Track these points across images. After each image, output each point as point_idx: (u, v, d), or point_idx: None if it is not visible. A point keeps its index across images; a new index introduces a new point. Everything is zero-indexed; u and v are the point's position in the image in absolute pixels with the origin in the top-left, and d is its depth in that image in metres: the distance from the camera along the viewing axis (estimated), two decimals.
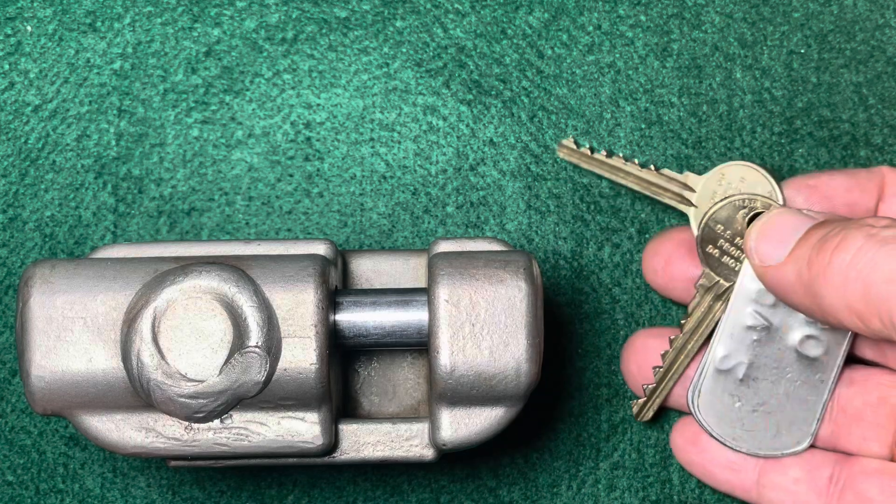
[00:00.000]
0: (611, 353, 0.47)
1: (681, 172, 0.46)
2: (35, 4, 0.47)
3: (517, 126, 0.47)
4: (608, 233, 0.47)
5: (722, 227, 0.44)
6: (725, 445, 0.45)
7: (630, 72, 0.48)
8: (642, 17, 0.48)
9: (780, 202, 0.44)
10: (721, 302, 0.44)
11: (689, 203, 0.45)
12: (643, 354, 0.46)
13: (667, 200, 0.45)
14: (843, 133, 0.48)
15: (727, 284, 0.44)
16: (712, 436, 0.45)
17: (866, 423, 0.44)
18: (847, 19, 0.48)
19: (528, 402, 0.42)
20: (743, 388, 0.44)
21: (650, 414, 0.46)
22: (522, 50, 0.48)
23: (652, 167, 0.45)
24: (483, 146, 0.48)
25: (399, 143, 0.48)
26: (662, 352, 0.45)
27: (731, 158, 0.47)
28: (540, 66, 0.48)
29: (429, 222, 0.47)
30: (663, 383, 0.45)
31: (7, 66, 0.47)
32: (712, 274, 0.44)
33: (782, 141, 0.47)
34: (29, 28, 0.48)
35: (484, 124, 0.48)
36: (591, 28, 0.48)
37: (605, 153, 0.46)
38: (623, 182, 0.45)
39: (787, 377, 0.44)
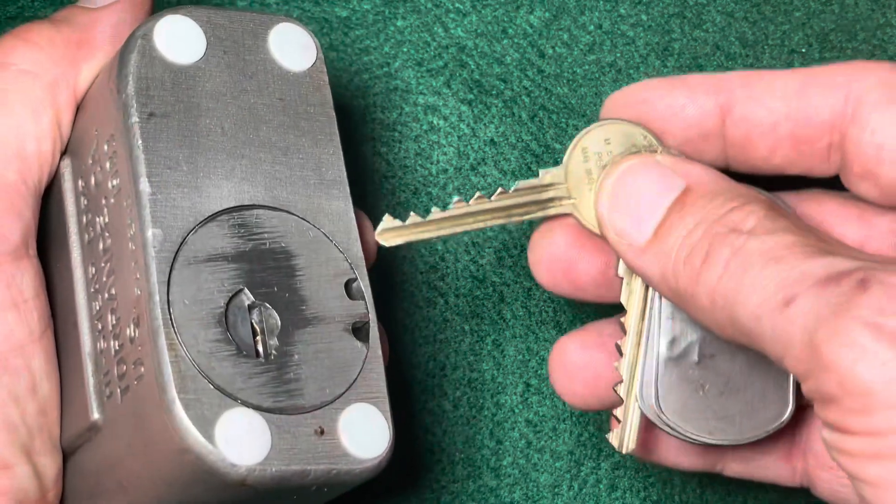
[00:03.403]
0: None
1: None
2: (35, 3, 0.47)
3: (518, 126, 0.47)
4: None
5: None
6: (703, 443, 0.39)
7: (631, 71, 0.48)
8: (643, 17, 0.48)
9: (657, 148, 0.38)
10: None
11: (566, 198, 0.38)
12: (580, 371, 0.40)
13: (541, 214, 0.39)
14: None
15: None
16: (685, 438, 0.39)
17: None
18: (848, 18, 0.48)
19: (528, 402, 0.42)
20: (702, 370, 0.39)
21: (633, 442, 0.39)
22: (523, 49, 0.48)
23: (500, 189, 0.38)
24: (484, 146, 0.48)
25: (400, 142, 0.48)
26: (615, 363, 0.39)
27: None
28: (541, 65, 0.48)
29: None
30: (632, 399, 0.39)
31: None
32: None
33: None
34: None
35: (485, 124, 0.48)
36: (592, 27, 0.48)
37: (436, 210, 0.38)
38: (478, 226, 0.39)
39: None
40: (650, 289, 0.38)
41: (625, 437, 0.39)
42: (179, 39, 0.38)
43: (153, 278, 0.35)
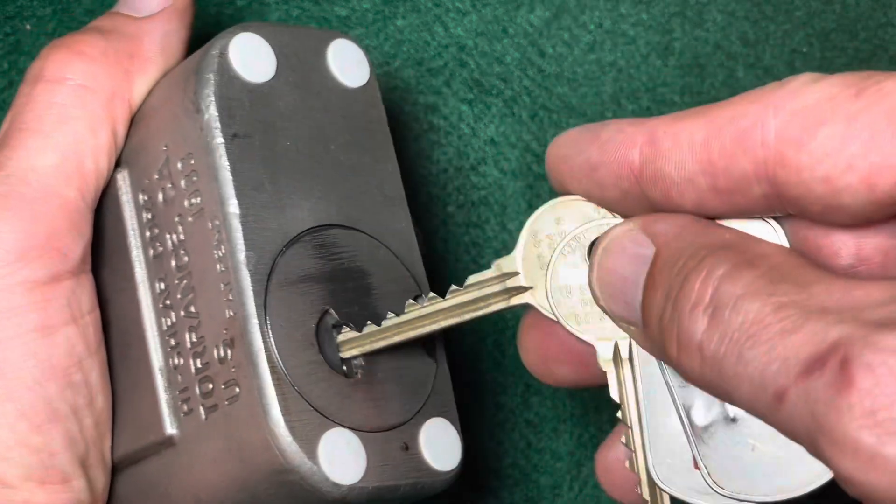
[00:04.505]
0: None
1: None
2: (34, 3, 0.47)
3: (518, 125, 0.47)
4: None
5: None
6: (787, 501, 0.32)
7: (632, 70, 0.48)
8: (644, 16, 0.48)
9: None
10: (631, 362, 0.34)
11: (524, 289, 0.35)
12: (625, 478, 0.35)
13: (498, 307, 0.35)
14: None
15: (624, 336, 0.34)
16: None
17: None
18: (849, 18, 0.48)
19: (529, 403, 0.42)
20: (744, 426, 0.33)
21: None
22: (523, 49, 0.48)
23: (452, 287, 0.35)
24: (484, 145, 0.47)
25: (400, 142, 0.47)
26: (626, 463, 0.34)
27: None
28: (541, 64, 0.48)
29: (430, 221, 0.47)
30: (659, 498, 0.34)
31: (6, 65, 0.47)
32: (605, 343, 0.34)
33: None
34: (28, 27, 0.47)
35: (485, 123, 0.47)
36: (592, 26, 0.48)
37: (391, 316, 0.36)
38: (435, 328, 0.36)
39: None
40: (661, 367, 0.34)
41: None
42: (253, 58, 0.37)
43: (250, 301, 0.35)
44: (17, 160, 0.38)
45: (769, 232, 0.33)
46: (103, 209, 0.39)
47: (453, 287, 0.35)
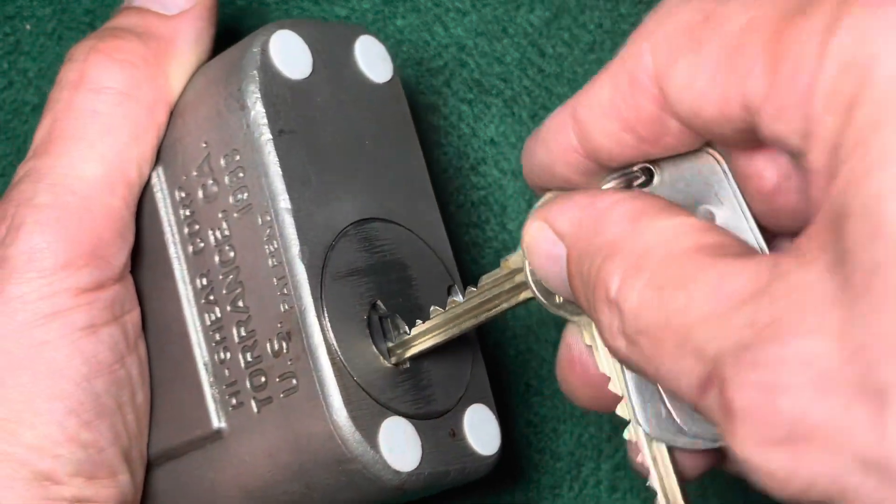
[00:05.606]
0: None
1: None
2: (34, 3, 0.47)
3: (518, 125, 0.47)
4: None
5: None
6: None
7: None
8: (644, 16, 0.48)
9: None
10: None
11: (527, 285, 0.35)
12: None
13: (509, 304, 0.35)
14: None
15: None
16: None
17: None
18: None
19: (529, 403, 0.42)
20: None
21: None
22: (523, 49, 0.48)
23: (468, 288, 0.36)
24: (484, 145, 0.47)
25: None
26: (625, 435, 0.34)
27: None
28: (541, 64, 0.48)
29: None
30: (664, 484, 0.35)
31: (6, 65, 0.47)
32: (586, 317, 0.34)
33: None
34: (28, 27, 0.48)
35: (485, 123, 0.47)
36: (592, 27, 0.48)
37: (406, 330, 0.38)
38: (459, 330, 0.37)
39: None
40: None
41: None
42: (292, 54, 0.38)
43: (307, 294, 0.36)
44: (60, 168, 0.38)
45: (713, 166, 0.32)
46: (140, 208, 0.39)
47: (470, 288, 0.36)
